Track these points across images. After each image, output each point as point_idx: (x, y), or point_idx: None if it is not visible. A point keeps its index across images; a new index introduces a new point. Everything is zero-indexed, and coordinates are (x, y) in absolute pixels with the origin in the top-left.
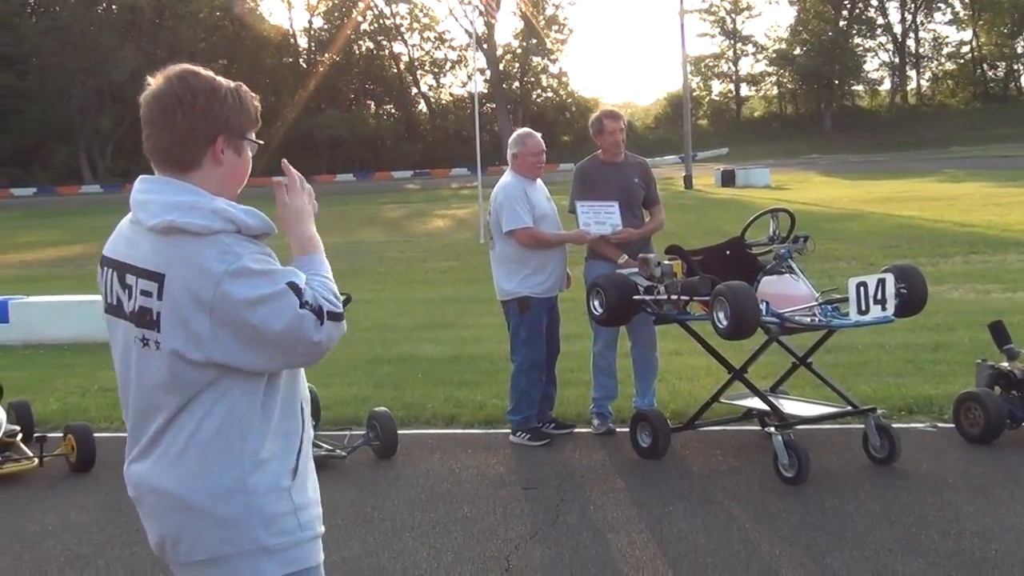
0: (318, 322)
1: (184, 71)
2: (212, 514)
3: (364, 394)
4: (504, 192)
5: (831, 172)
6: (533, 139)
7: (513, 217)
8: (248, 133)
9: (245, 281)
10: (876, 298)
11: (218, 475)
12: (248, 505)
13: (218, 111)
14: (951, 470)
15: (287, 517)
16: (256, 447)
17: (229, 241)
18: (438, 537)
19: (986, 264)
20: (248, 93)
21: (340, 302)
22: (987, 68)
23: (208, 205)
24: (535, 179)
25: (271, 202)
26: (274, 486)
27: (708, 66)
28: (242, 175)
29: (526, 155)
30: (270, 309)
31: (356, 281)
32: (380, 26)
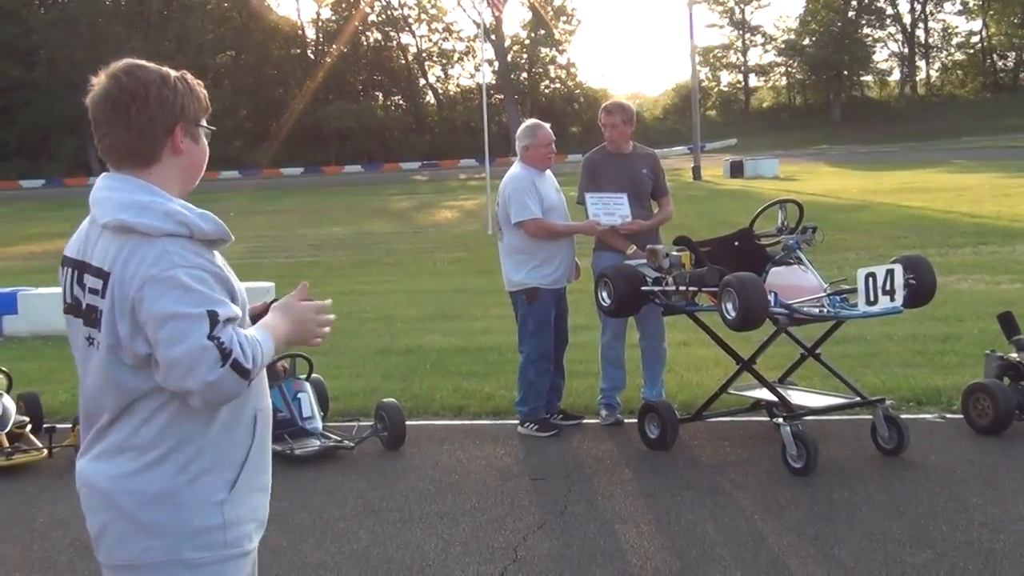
0: (219, 363)
1: (129, 65)
2: (137, 519)
3: (372, 385)
4: (513, 183)
5: (840, 163)
6: (543, 130)
7: (522, 208)
8: (201, 119)
9: (167, 291)
10: (885, 289)
11: (148, 482)
12: (175, 516)
13: (172, 100)
14: (960, 461)
15: (214, 532)
16: (192, 458)
17: (173, 248)
18: (446, 528)
19: (995, 255)
20: (196, 80)
21: (255, 365)
22: (997, 58)
23: (163, 207)
24: (545, 170)
25: (283, 191)
26: (206, 499)
27: (717, 57)
28: (201, 163)
29: (537, 146)
30: (177, 327)
31: (365, 272)
32: (388, 17)
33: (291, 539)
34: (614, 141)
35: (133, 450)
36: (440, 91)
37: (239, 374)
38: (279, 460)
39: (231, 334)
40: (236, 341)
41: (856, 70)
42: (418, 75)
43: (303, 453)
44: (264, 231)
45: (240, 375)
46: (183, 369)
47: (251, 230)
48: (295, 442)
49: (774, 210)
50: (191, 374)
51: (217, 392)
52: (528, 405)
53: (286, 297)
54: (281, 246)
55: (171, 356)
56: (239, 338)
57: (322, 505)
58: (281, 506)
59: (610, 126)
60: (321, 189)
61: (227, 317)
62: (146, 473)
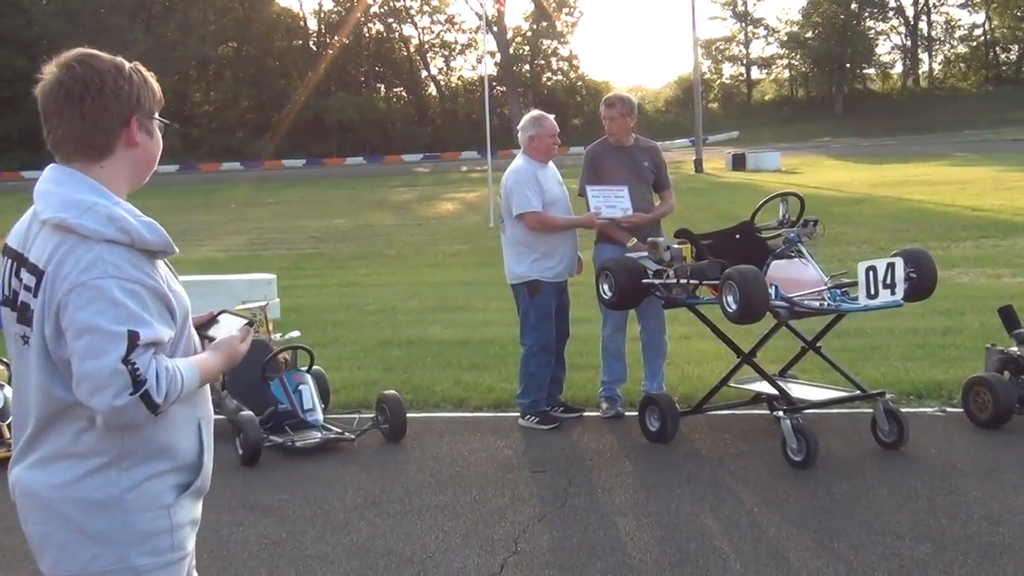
0: (129, 390)
1: (83, 55)
2: (82, 527)
3: (373, 377)
4: (515, 176)
5: (842, 156)
6: (548, 121)
7: (523, 201)
8: (155, 111)
9: (92, 301)
10: (886, 282)
11: (92, 488)
12: (123, 522)
13: (128, 90)
14: (960, 455)
15: (162, 536)
16: (138, 463)
17: (110, 256)
18: (447, 520)
19: (997, 249)
20: (149, 72)
21: (165, 400)
22: (1000, 51)
23: (107, 210)
24: (547, 162)
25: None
26: (153, 504)
27: (719, 49)
28: (154, 157)
29: (543, 137)
30: (93, 342)
31: (366, 264)
32: (390, 8)
33: (291, 531)
34: (615, 134)
35: (74, 457)
36: (442, 83)
37: (147, 406)
38: (280, 452)
39: (148, 361)
40: (153, 370)
41: (859, 63)
42: (420, 67)
43: (304, 445)
44: (266, 223)
45: (148, 407)
46: (90, 386)
47: (253, 222)
48: (296, 434)
49: (775, 203)
50: (97, 394)
51: (120, 418)
52: (529, 397)
53: (230, 336)
54: (283, 238)
55: (82, 370)
56: (157, 368)
57: (323, 497)
58: (282, 498)
59: (610, 119)
60: (323, 181)
61: (149, 341)
62: (90, 479)
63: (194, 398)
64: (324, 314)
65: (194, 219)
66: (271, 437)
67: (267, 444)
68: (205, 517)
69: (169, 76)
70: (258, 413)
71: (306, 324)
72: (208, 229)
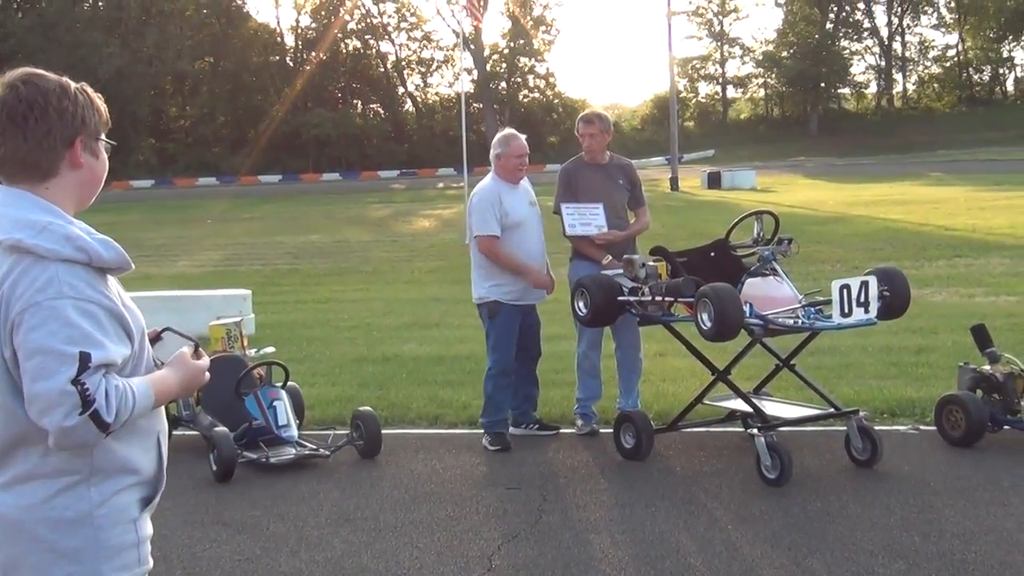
0: (78, 410)
1: (28, 74)
2: (55, 547)
3: (348, 393)
4: (478, 195)
5: (817, 175)
6: (517, 140)
7: (480, 223)
8: (101, 133)
9: (45, 322)
10: (859, 301)
11: (63, 507)
12: (95, 538)
13: (72, 111)
14: (932, 472)
15: (130, 550)
16: (105, 481)
17: (66, 276)
18: (421, 537)
19: (969, 268)
20: (95, 93)
21: (116, 419)
22: (973, 72)
23: (63, 229)
24: (516, 182)
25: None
26: (121, 518)
27: (695, 68)
28: (100, 178)
29: (509, 156)
30: (44, 363)
31: (342, 281)
32: (367, 25)
33: (265, 547)
34: (592, 151)
35: (43, 477)
36: (419, 99)
37: (97, 426)
38: (254, 468)
39: (99, 382)
40: (103, 390)
41: (833, 82)
42: (397, 83)
43: (278, 461)
44: (241, 238)
45: (98, 427)
46: (40, 407)
47: (228, 237)
48: (270, 450)
49: (750, 221)
50: (46, 414)
51: (70, 439)
52: (486, 417)
53: (181, 353)
54: (258, 253)
55: (33, 391)
56: (107, 387)
57: (297, 514)
58: (255, 514)
59: (590, 135)
60: (299, 196)
61: (101, 362)
62: (60, 498)
63: (152, 417)
64: (299, 330)
65: (169, 234)
66: (245, 453)
67: (241, 460)
68: (178, 534)
69: (145, 91)
70: (232, 429)
71: (281, 340)
72: (183, 244)
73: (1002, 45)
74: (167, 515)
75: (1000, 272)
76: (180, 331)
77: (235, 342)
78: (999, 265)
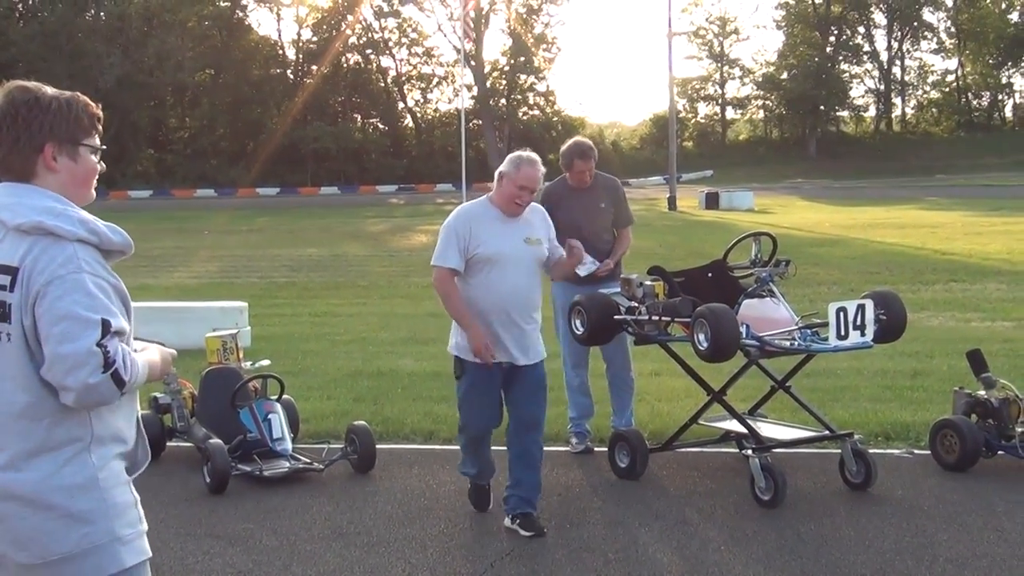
0: (102, 369)
1: (12, 87)
2: (70, 511)
3: (343, 408)
4: (452, 216)
5: (815, 197)
6: (529, 169)
7: (439, 249)
8: (82, 139)
9: (70, 292)
10: (856, 324)
11: (72, 473)
12: (102, 498)
13: (40, 120)
14: (926, 497)
15: (131, 508)
16: (101, 446)
17: (82, 254)
18: (414, 553)
19: (966, 292)
20: (83, 102)
21: (131, 379)
22: (972, 97)
23: (77, 214)
24: (512, 215)
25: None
26: (119, 480)
27: (695, 88)
28: (83, 179)
29: (511, 182)
30: (71, 327)
31: (338, 295)
32: (368, 40)
33: (257, 561)
34: (584, 183)
35: (51, 450)
36: (419, 115)
37: (116, 383)
38: (248, 481)
39: (117, 346)
40: (120, 354)
41: (833, 105)
42: (397, 98)
43: (272, 474)
44: (239, 250)
45: (117, 385)
46: (67, 366)
47: (225, 249)
48: (264, 463)
49: (748, 242)
50: (73, 373)
51: (93, 395)
52: (462, 468)
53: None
54: (255, 266)
55: (59, 352)
56: (124, 352)
57: (289, 527)
58: (248, 527)
59: (589, 171)
60: (297, 210)
61: (117, 329)
62: (69, 466)
63: (134, 392)
64: (295, 343)
65: (167, 245)
66: (239, 466)
67: (235, 473)
68: (171, 546)
69: (145, 101)
70: (227, 441)
71: (277, 353)
72: (181, 255)
73: (1001, 71)
74: (160, 527)
75: (996, 297)
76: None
77: (231, 354)
78: (995, 290)
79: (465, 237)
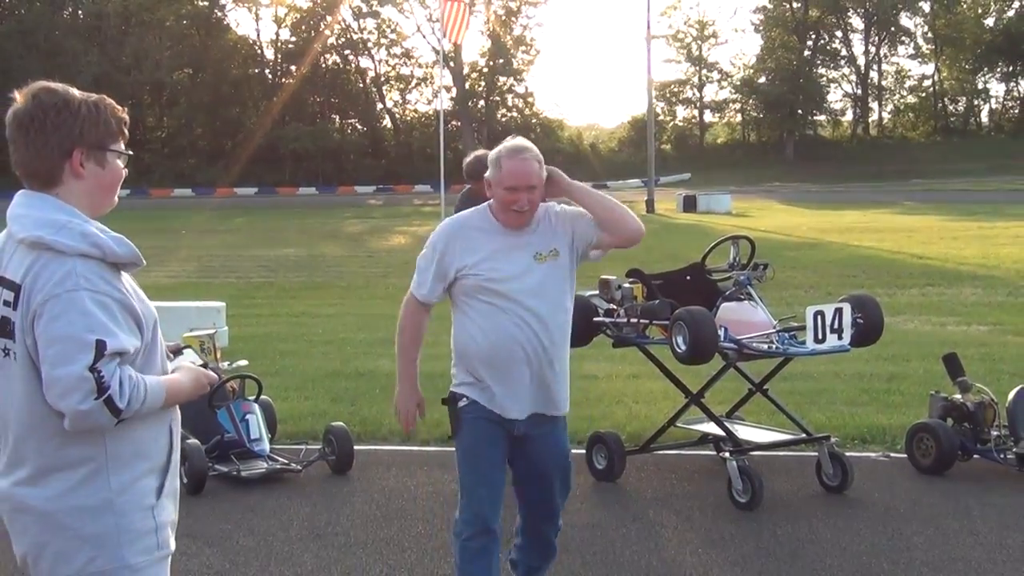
0: (94, 395)
1: (39, 89)
2: (79, 532)
3: (321, 408)
4: (439, 227)
5: (792, 201)
6: (512, 162)
7: (416, 275)
8: (110, 144)
9: (65, 312)
10: (833, 327)
11: (86, 495)
12: (116, 524)
13: (70, 125)
14: (902, 500)
15: (149, 536)
16: (123, 467)
17: (82, 269)
18: (392, 554)
19: (942, 296)
20: (109, 106)
21: (128, 406)
22: (948, 102)
23: (80, 227)
24: (513, 227)
25: (237, 211)
26: (139, 505)
27: (673, 92)
28: (109, 185)
29: (498, 186)
30: (64, 349)
31: (316, 295)
32: (347, 40)
33: (235, 561)
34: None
35: (65, 469)
36: (397, 116)
37: (110, 410)
38: (225, 481)
39: (114, 370)
40: (117, 378)
41: (810, 109)
42: (376, 99)
43: (249, 475)
44: (216, 250)
45: (111, 412)
46: (59, 391)
47: (203, 249)
48: (242, 464)
49: (726, 245)
50: (65, 398)
51: (85, 421)
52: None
53: (195, 366)
54: (233, 266)
55: (53, 375)
56: (121, 376)
57: (267, 528)
58: (225, 528)
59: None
60: (275, 210)
61: (115, 350)
62: (84, 487)
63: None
64: (273, 343)
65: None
66: (216, 466)
67: (212, 473)
68: None
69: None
70: (204, 441)
71: (255, 353)
72: (158, 255)
73: (977, 76)
74: None
75: (972, 301)
76: (197, 351)
77: (208, 354)
78: (971, 294)
79: (446, 256)
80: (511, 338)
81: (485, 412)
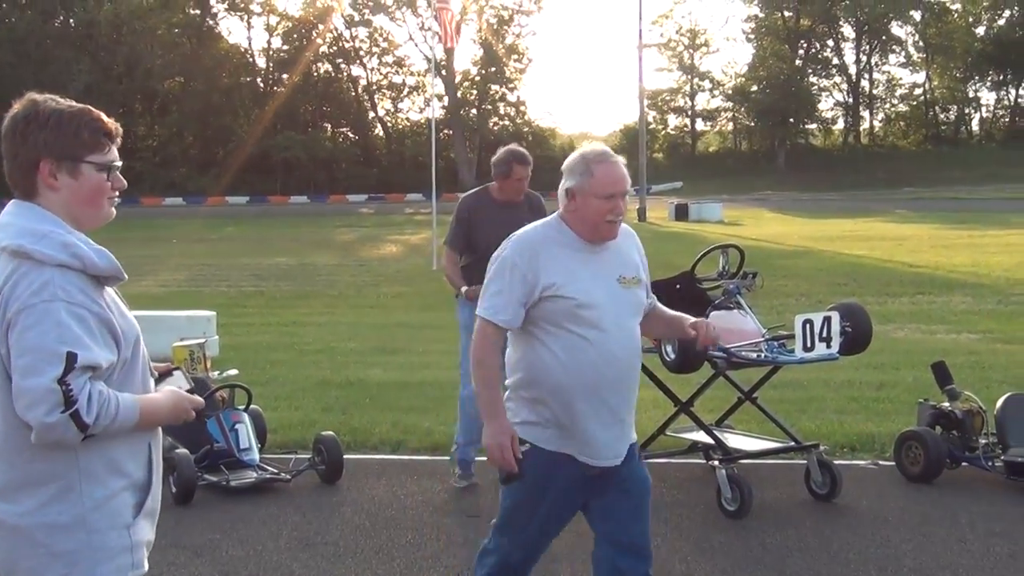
0: (60, 408)
1: (26, 98)
2: (51, 549)
3: (311, 418)
4: (511, 245)
5: (783, 209)
6: (606, 167)
7: (487, 296)
8: (84, 155)
9: (38, 323)
10: (822, 335)
11: (58, 512)
12: (88, 541)
13: (35, 137)
14: (891, 507)
15: (124, 554)
16: (96, 485)
17: (60, 280)
18: (381, 563)
19: (932, 305)
20: (86, 117)
21: (96, 422)
22: (939, 111)
23: (61, 237)
24: (607, 237)
25: (228, 219)
26: (114, 523)
27: (665, 100)
28: (88, 197)
29: (590, 194)
30: (34, 361)
31: (307, 304)
32: (339, 49)
33: (224, 571)
34: (520, 192)
35: (36, 484)
36: (389, 124)
37: (77, 425)
38: (214, 491)
39: (83, 385)
40: (85, 393)
41: (801, 118)
42: (367, 107)
43: (239, 484)
44: (207, 259)
45: (78, 426)
46: (26, 402)
47: (194, 258)
48: (231, 473)
49: (716, 254)
50: (31, 409)
51: (50, 434)
52: None
53: (178, 389)
54: (223, 275)
55: (21, 386)
56: (91, 391)
57: (256, 537)
58: (215, 537)
59: (527, 178)
60: (267, 219)
61: (86, 364)
62: (56, 503)
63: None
64: (263, 353)
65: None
66: (205, 476)
67: (201, 483)
68: None
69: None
70: (193, 451)
71: (245, 362)
72: (148, 264)
73: (968, 85)
74: None
75: (962, 310)
76: (187, 374)
77: (198, 364)
78: (961, 303)
79: (529, 275)
80: (599, 371)
81: (554, 459)
